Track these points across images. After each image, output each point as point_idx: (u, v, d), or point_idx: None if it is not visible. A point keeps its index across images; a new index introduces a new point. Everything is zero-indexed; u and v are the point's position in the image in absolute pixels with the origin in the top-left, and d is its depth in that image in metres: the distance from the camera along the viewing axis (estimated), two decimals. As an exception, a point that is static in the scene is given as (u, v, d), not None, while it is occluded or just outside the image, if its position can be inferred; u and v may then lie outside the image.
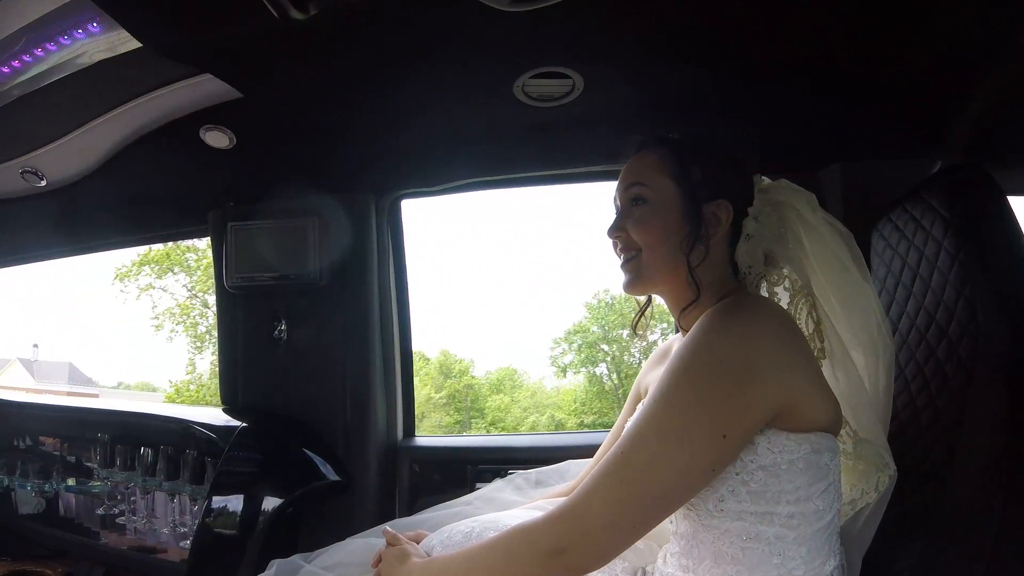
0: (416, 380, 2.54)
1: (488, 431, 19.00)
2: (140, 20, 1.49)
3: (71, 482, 2.71)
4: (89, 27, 1.64)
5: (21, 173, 2.41)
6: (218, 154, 2.05)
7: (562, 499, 1.13)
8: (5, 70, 1.86)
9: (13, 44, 1.76)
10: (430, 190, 2.20)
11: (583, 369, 20.63)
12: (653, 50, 1.59)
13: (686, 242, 1.14)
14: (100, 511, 2.69)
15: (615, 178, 1.27)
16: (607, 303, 20.43)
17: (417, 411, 2.35)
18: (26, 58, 1.81)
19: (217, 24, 1.44)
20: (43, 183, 2.44)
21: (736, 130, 1.78)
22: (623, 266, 1.24)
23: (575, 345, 20.50)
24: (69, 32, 1.67)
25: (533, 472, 1.66)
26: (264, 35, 1.47)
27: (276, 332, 2.20)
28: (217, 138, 1.99)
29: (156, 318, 20.31)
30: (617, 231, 1.23)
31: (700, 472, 0.99)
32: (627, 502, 0.98)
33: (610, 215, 1.29)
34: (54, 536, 2.92)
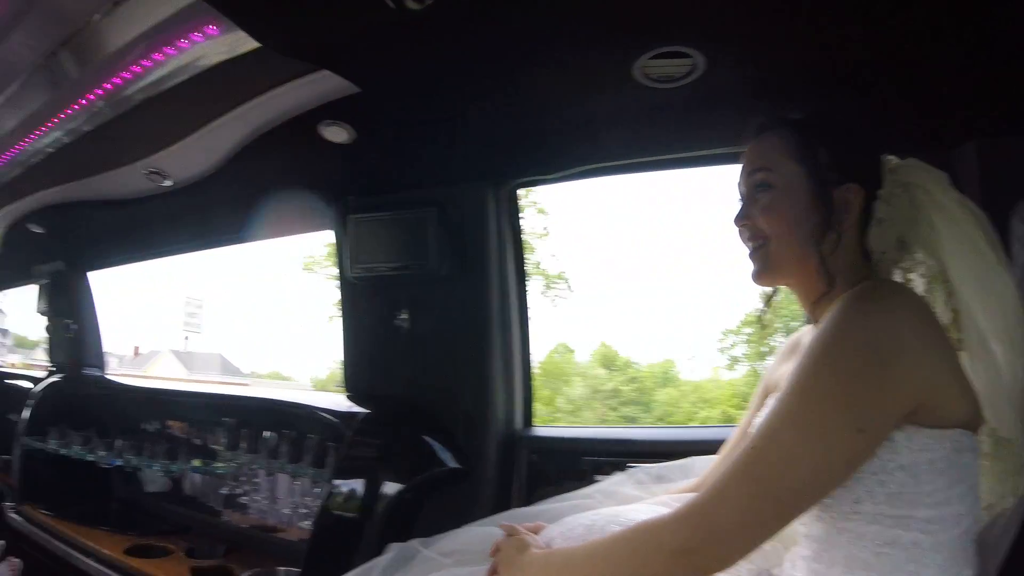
0: (571, 373, 2.51)
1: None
2: (258, 21, 1.54)
3: (196, 463, 2.83)
4: (207, 30, 1.69)
5: (147, 174, 2.53)
6: (337, 148, 2.09)
7: (688, 496, 1.09)
8: (127, 75, 1.94)
9: (134, 49, 1.84)
10: (548, 177, 2.18)
11: (750, 364, 19.65)
12: (778, 25, 1.50)
13: (817, 230, 1.09)
14: (224, 491, 2.83)
15: (738, 161, 1.22)
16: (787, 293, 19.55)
17: (573, 406, 2.33)
18: (146, 63, 1.88)
19: (334, 20, 1.47)
20: (168, 183, 2.55)
21: (862, 108, 1.67)
22: (751, 255, 1.19)
23: (746, 337, 19.40)
24: (188, 36, 1.73)
25: (655, 467, 1.61)
26: (380, 28, 1.48)
27: (397, 321, 2.23)
28: (336, 133, 2.02)
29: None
30: (743, 220, 1.19)
31: (836, 468, 0.95)
32: (760, 500, 0.95)
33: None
34: (178, 513, 3.10)
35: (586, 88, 1.77)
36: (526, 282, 2.28)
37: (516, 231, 2.27)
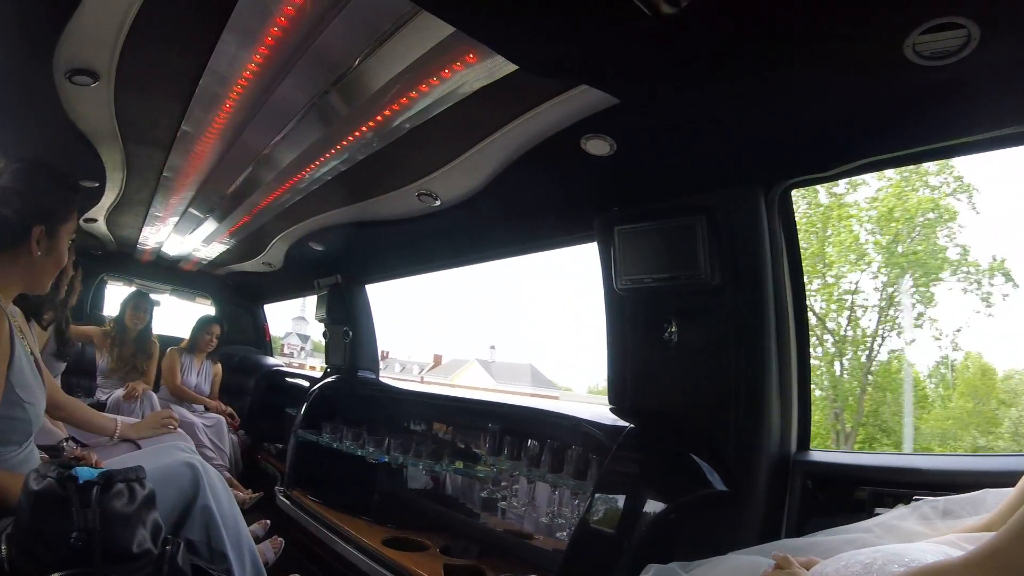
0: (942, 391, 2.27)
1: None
2: (515, 46, 1.58)
3: (459, 465, 2.97)
4: (467, 59, 1.78)
5: (417, 196, 2.75)
6: (600, 161, 2.09)
7: (979, 536, 0.99)
8: (394, 107, 2.11)
9: (398, 83, 1.98)
10: (821, 176, 2.04)
11: None
12: None
13: None
14: (483, 494, 2.97)
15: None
16: None
17: (943, 428, 2.13)
18: (411, 94, 2.02)
19: (590, 36, 1.46)
20: (437, 203, 2.75)
21: None
22: None
23: None
24: (449, 66, 1.83)
25: (942, 500, 1.45)
26: (636, 38, 1.45)
27: (666, 334, 2.16)
28: (598, 146, 2.03)
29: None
30: None
31: None
32: None
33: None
34: (437, 511, 3.30)
35: (856, 73, 1.61)
36: (803, 291, 2.14)
37: (791, 235, 2.13)
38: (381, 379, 4.44)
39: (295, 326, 39.88)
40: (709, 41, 1.50)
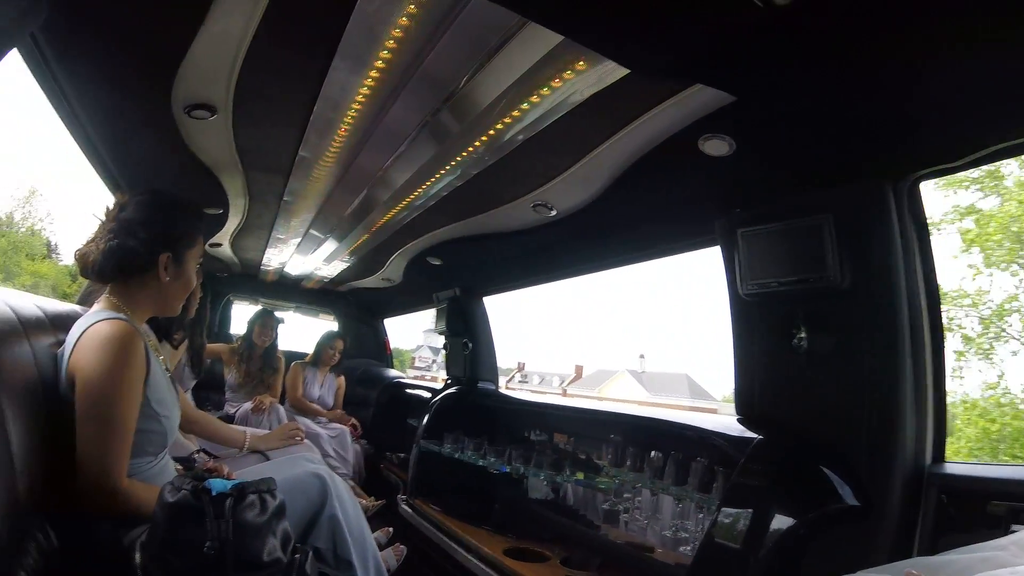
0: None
1: None
2: (626, 50, 1.56)
3: (580, 476, 2.97)
4: (576, 67, 1.77)
5: (533, 207, 2.78)
6: (718, 162, 2.05)
7: None
8: (506, 120, 2.13)
9: (508, 97, 2.00)
10: (953, 165, 1.88)
11: None
12: None
13: None
14: (605, 506, 2.96)
15: None
16: None
17: None
18: (523, 106, 2.04)
19: (702, 33, 1.44)
20: (553, 213, 2.78)
21: None
22: None
23: None
24: (558, 76, 1.83)
25: None
26: (750, 32, 1.41)
27: (795, 340, 2.07)
28: (716, 146, 1.99)
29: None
30: None
31: None
32: None
33: None
34: (557, 522, 3.29)
35: (993, 46, 1.46)
36: (937, 291, 2.00)
37: (922, 231, 2.00)
38: (511, 391, 4.51)
39: (427, 339, 40.93)
40: (827, 29, 1.44)
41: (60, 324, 2.01)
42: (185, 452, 2.74)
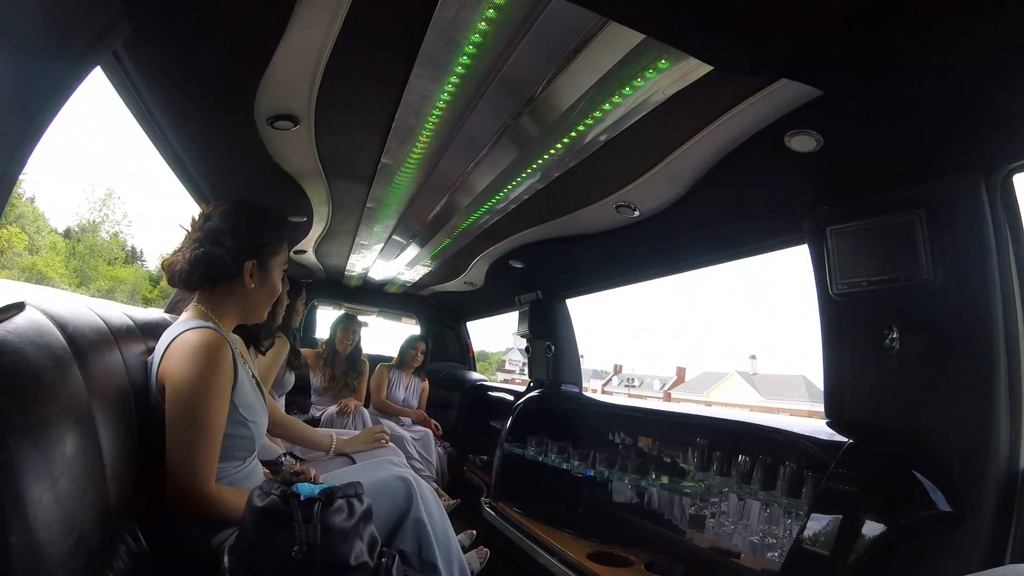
0: None
1: None
2: (709, 47, 1.54)
3: (664, 480, 2.97)
4: (658, 64, 1.77)
5: (615, 207, 2.79)
6: (806, 158, 2.02)
7: None
8: (588, 121, 2.14)
9: (588, 98, 2.01)
10: None
11: None
12: None
13: None
14: (690, 510, 2.94)
15: None
16: None
17: None
18: (604, 107, 2.04)
19: (786, 27, 1.39)
20: (636, 214, 2.78)
21: None
22: None
23: None
24: (639, 75, 1.83)
25: None
26: (837, 24, 1.37)
27: (886, 341, 2.03)
28: (803, 142, 1.96)
29: None
30: None
31: None
32: None
33: None
34: (642, 527, 3.30)
35: None
36: None
37: (1016, 226, 1.92)
38: (606, 396, 4.51)
39: (517, 342, 40.91)
40: (911, 15, 1.38)
41: (150, 332, 2.11)
42: (272, 455, 2.86)
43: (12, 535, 0.96)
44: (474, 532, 3.70)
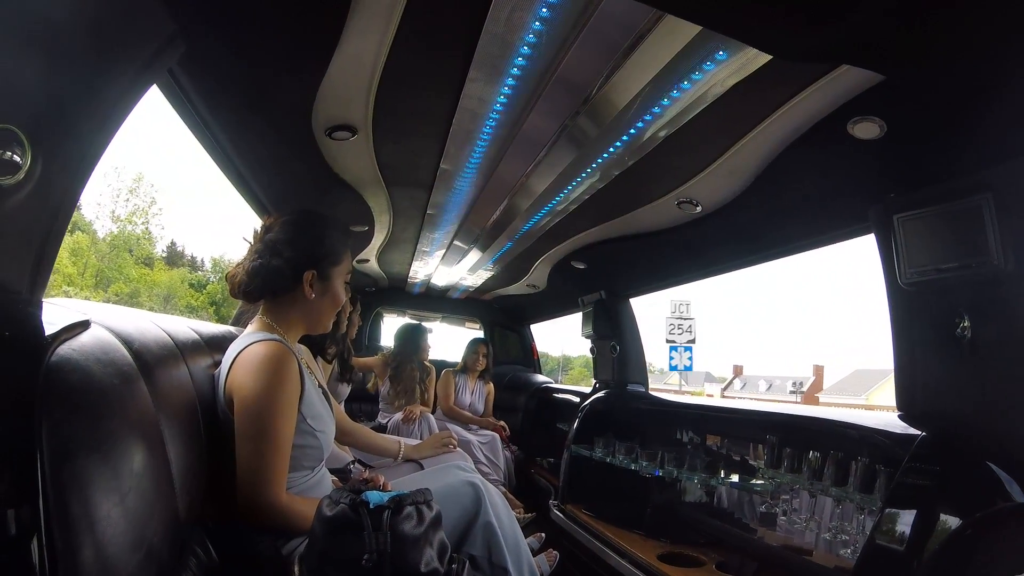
0: None
1: None
2: (768, 35, 1.54)
3: (734, 478, 3.00)
4: (716, 56, 1.78)
5: (677, 204, 2.82)
6: (869, 145, 2.00)
7: None
8: (647, 117, 2.16)
9: (646, 94, 2.03)
10: None
11: None
12: None
13: None
14: (761, 508, 2.95)
15: None
16: None
17: None
18: (663, 102, 2.06)
19: (849, 11, 1.38)
20: (698, 209, 2.80)
21: None
22: None
23: None
24: (698, 68, 1.85)
25: None
26: (899, 5, 1.35)
27: (958, 330, 1.99)
28: (867, 129, 1.94)
29: None
30: None
31: None
32: None
33: None
34: (712, 526, 3.31)
35: None
36: None
37: None
38: (726, 400, 4.51)
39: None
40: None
41: (216, 346, 2.18)
42: (341, 463, 2.97)
43: (82, 550, 1.02)
44: (543, 535, 3.77)
